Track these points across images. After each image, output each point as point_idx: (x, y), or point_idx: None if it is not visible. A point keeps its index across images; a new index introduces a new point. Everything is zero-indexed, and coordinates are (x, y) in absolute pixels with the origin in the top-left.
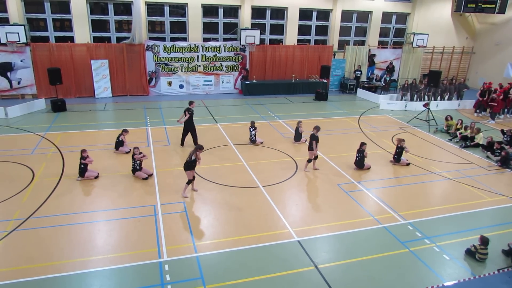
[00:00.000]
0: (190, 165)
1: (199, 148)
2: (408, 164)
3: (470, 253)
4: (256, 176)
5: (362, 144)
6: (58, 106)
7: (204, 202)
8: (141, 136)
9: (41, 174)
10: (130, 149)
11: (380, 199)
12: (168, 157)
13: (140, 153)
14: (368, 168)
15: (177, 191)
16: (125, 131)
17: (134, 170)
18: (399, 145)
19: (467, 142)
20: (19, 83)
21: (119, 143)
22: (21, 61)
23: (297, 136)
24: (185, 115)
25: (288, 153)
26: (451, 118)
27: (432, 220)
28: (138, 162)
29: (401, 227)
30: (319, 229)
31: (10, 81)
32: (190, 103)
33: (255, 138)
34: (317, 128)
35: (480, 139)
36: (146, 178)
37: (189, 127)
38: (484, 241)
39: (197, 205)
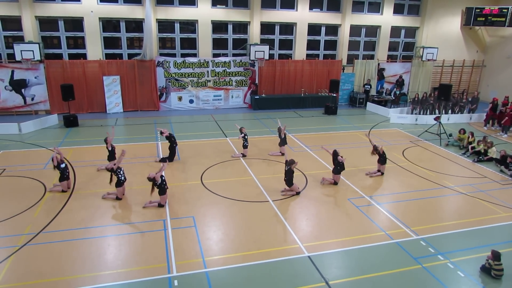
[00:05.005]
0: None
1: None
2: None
3: (486, 270)
4: (266, 190)
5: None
6: (70, 122)
7: (213, 216)
8: (151, 150)
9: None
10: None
11: (391, 213)
12: (177, 171)
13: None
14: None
15: (186, 205)
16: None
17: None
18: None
19: (481, 156)
20: (32, 99)
21: (112, 156)
22: (35, 78)
23: (282, 142)
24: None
25: (298, 168)
26: (464, 132)
27: (446, 236)
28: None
29: (413, 242)
30: (330, 245)
31: (24, 98)
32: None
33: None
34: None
35: (494, 153)
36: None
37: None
38: (496, 256)
39: (207, 220)
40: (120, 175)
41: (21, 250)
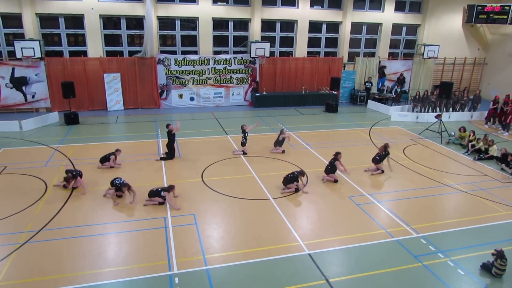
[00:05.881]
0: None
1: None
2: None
3: (486, 268)
4: (266, 188)
5: (337, 153)
6: (71, 119)
7: (214, 214)
8: (152, 148)
9: (53, 186)
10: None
11: (392, 211)
12: (178, 169)
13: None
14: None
15: (187, 203)
16: (117, 151)
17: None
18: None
19: (481, 154)
20: (33, 96)
21: (105, 159)
22: (36, 75)
23: (277, 142)
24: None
25: (299, 165)
26: (464, 130)
27: (446, 234)
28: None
29: (414, 240)
30: (330, 242)
31: (25, 95)
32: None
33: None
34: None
35: (494, 151)
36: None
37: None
38: (501, 254)
39: (207, 218)
40: (117, 181)
41: (23, 248)
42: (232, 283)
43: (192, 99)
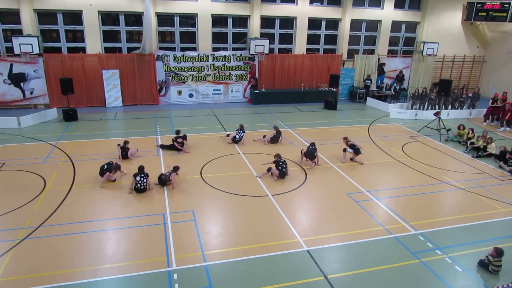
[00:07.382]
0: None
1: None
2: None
3: (483, 265)
4: (265, 185)
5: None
6: (69, 116)
7: (213, 211)
8: (151, 145)
9: (52, 182)
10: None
11: (390, 208)
12: (177, 165)
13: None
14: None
15: (186, 199)
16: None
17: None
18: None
19: (480, 152)
20: (32, 93)
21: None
22: (34, 71)
23: (275, 139)
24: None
25: (297, 162)
26: (463, 128)
27: (444, 231)
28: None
29: (412, 237)
30: (329, 239)
31: (23, 91)
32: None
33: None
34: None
35: (493, 148)
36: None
37: None
38: (499, 253)
39: (206, 214)
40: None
41: (21, 244)
42: (230, 279)
43: (191, 95)
